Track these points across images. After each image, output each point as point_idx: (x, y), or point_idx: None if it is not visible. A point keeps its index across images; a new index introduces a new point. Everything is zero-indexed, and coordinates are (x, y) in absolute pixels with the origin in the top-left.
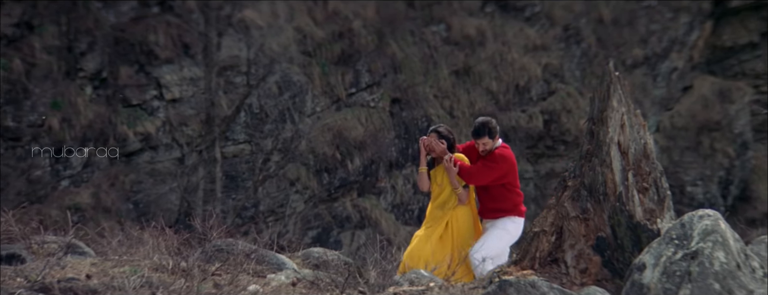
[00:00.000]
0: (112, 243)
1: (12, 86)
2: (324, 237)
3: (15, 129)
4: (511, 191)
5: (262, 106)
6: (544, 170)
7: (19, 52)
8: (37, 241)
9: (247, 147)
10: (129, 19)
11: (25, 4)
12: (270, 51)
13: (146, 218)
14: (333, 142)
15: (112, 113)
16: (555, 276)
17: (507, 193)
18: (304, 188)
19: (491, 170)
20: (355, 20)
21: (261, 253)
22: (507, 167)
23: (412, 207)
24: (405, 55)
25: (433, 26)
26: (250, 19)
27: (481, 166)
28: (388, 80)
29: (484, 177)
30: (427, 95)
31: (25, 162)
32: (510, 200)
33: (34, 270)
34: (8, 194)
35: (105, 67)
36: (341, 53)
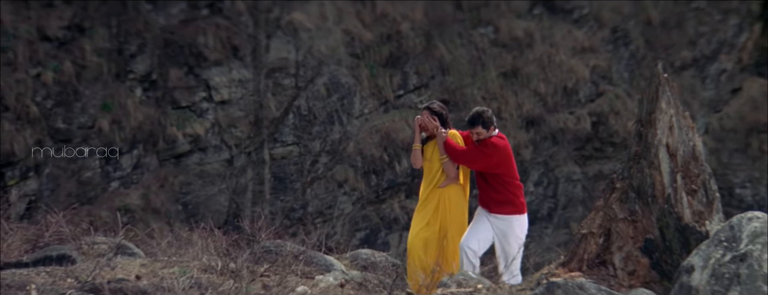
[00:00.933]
0: (161, 244)
1: (63, 88)
2: (372, 239)
3: (65, 131)
4: (510, 183)
5: (310, 108)
6: (592, 172)
7: (69, 55)
8: (87, 242)
9: (296, 149)
10: (178, 21)
11: (76, 6)
12: (318, 53)
13: (195, 219)
14: (381, 144)
15: (161, 115)
16: (603, 278)
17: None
18: (352, 189)
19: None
20: (403, 22)
21: (309, 254)
22: (499, 155)
23: None
24: (453, 57)
25: (481, 28)
26: (299, 22)
27: (473, 149)
28: (436, 82)
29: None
30: (475, 97)
31: (76, 164)
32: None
33: (85, 271)
34: (59, 195)
35: (154, 69)
36: (389, 55)
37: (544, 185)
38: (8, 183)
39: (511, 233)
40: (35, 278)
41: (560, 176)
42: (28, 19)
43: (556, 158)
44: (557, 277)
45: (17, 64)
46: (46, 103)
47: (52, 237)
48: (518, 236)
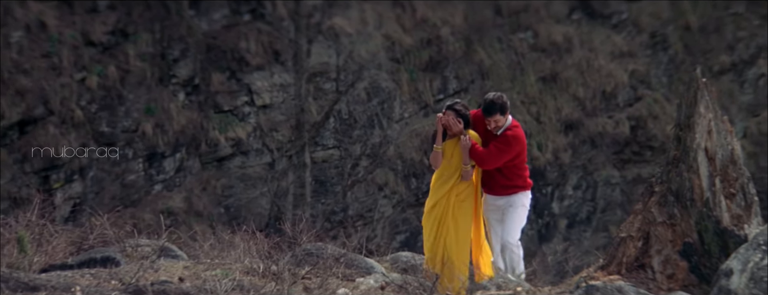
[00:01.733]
0: (204, 247)
1: (107, 92)
2: (412, 241)
3: (109, 134)
4: (521, 168)
5: (351, 112)
6: (631, 176)
7: (113, 60)
8: (131, 244)
9: (336, 152)
10: (221, 26)
11: (120, 12)
12: (359, 58)
13: (237, 221)
14: (421, 148)
15: (203, 119)
16: (642, 281)
17: (517, 170)
18: (393, 192)
19: (503, 152)
20: (443, 27)
21: (350, 257)
22: (519, 147)
23: None
24: (492, 62)
25: (520, 33)
26: (340, 27)
27: (493, 149)
28: (475, 86)
29: (497, 161)
30: (514, 101)
31: (120, 167)
32: (522, 177)
33: (129, 273)
34: (103, 198)
35: (197, 74)
36: (429, 60)
37: (582, 188)
38: (53, 186)
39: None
40: (80, 279)
41: (599, 179)
42: (73, 24)
43: (594, 162)
44: (596, 280)
45: (62, 69)
46: (91, 107)
47: (96, 239)
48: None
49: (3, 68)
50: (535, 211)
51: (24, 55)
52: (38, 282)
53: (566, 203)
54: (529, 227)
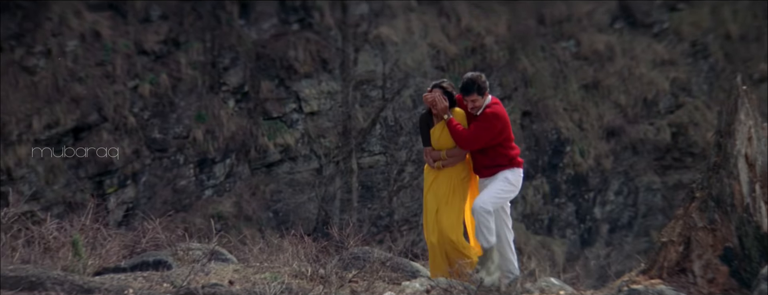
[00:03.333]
0: (253, 250)
1: (159, 100)
2: None
3: (161, 141)
4: (506, 147)
5: (396, 118)
6: (672, 182)
7: (166, 68)
8: (182, 248)
9: (383, 158)
10: (270, 35)
11: (172, 22)
12: (405, 66)
13: (286, 226)
14: None
15: (253, 125)
16: (683, 286)
17: (502, 150)
18: None
19: (485, 130)
20: (487, 36)
21: (396, 261)
22: (500, 124)
23: (542, 217)
24: (535, 70)
25: (563, 42)
26: (386, 36)
27: (474, 129)
28: (519, 94)
29: (479, 141)
30: (557, 108)
31: (171, 172)
32: (506, 156)
33: (180, 276)
34: (155, 202)
35: (247, 82)
36: (473, 68)
37: (624, 194)
38: (107, 191)
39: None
40: (133, 282)
41: (640, 185)
42: (126, 33)
43: (636, 168)
44: (638, 284)
45: (116, 77)
46: (143, 114)
47: (148, 243)
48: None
49: (59, 76)
50: (577, 216)
51: (79, 64)
52: (92, 285)
53: (608, 208)
54: (571, 232)
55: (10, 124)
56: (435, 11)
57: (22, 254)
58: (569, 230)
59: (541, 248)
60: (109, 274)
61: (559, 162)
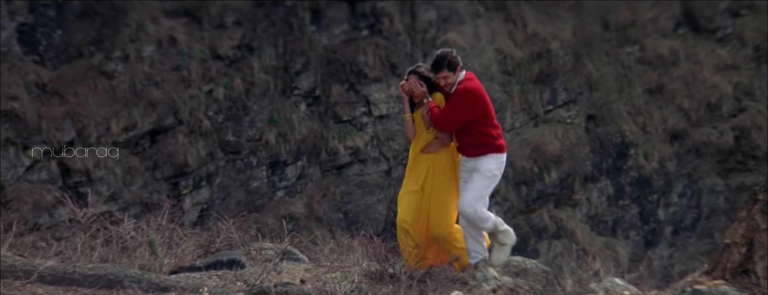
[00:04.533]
0: (324, 250)
1: (233, 103)
2: (522, 246)
3: (235, 143)
4: (486, 125)
5: None
6: (735, 184)
7: (239, 72)
8: (255, 247)
9: None
10: (340, 41)
11: (246, 28)
12: (472, 70)
13: (355, 226)
14: (531, 157)
15: (324, 129)
16: (746, 286)
17: (482, 128)
18: (504, 199)
19: (458, 109)
20: (553, 42)
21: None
22: (471, 99)
23: (606, 218)
24: (600, 75)
25: (627, 47)
26: (454, 41)
27: (447, 108)
28: (583, 98)
29: (453, 120)
30: (621, 112)
31: (244, 174)
32: (487, 133)
33: (253, 275)
34: (229, 203)
35: (318, 86)
36: (539, 72)
37: (687, 196)
38: (182, 192)
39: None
40: (207, 281)
41: (703, 187)
42: (201, 39)
43: (699, 171)
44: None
45: (191, 81)
46: (218, 118)
47: (222, 243)
48: (490, 169)
49: (136, 80)
50: (641, 217)
51: (155, 69)
52: (168, 283)
53: (672, 210)
54: (635, 234)
55: (90, 127)
56: (502, 17)
57: (100, 253)
58: (633, 231)
59: (606, 249)
60: (184, 273)
61: (623, 165)
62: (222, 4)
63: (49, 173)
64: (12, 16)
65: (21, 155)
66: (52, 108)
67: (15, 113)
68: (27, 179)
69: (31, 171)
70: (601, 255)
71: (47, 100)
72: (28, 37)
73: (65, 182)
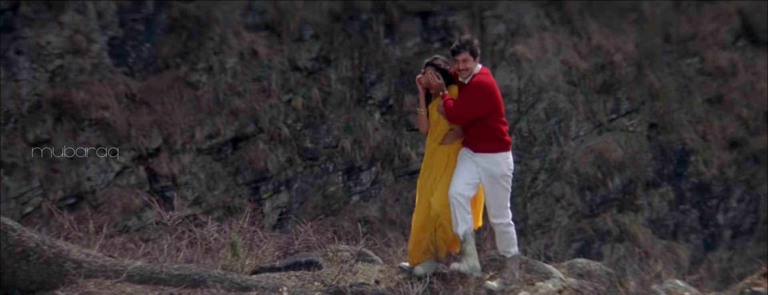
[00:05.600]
0: (397, 252)
1: (311, 112)
2: (586, 249)
3: (313, 150)
4: (495, 121)
5: (531, 130)
6: None
7: (317, 83)
8: (331, 249)
9: (517, 167)
10: (413, 53)
11: (323, 41)
12: (538, 81)
13: None
14: (595, 163)
15: (397, 136)
16: None
17: (491, 123)
18: (569, 204)
19: (469, 102)
20: (616, 54)
21: (530, 262)
22: (483, 94)
23: (667, 222)
24: (662, 85)
25: (688, 59)
26: (521, 53)
27: (458, 101)
28: (645, 107)
29: (466, 113)
30: (682, 121)
31: (321, 179)
32: (496, 128)
33: (330, 275)
34: (306, 207)
35: (391, 96)
36: (603, 83)
37: (746, 201)
38: (262, 196)
39: (498, 171)
40: (286, 281)
41: (761, 193)
42: (281, 52)
43: (757, 177)
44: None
45: (271, 91)
46: (296, 126)
47: (300, 245)
48: (505, 173)
49: (219, 91)
50: (701, 222)
51: (238, 79)
52: (249, 283)
53: (730, 214)
54: (695, 237)
55: (175, 135)
56: (567, 30)
57: (185, 254)
58: (693, 235)
59: (667, 252)
60: (264, 273)
61: (684, 171)
62: (301, 19)
63: (137, 178)
64: (103, 30)
65: (111, 162)
66: (140, 117)
67: (106, 122)
68: (117, 184)
69: (121, 176)
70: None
71: (136, 109)
72: (119, 50)
73: (152, 186)
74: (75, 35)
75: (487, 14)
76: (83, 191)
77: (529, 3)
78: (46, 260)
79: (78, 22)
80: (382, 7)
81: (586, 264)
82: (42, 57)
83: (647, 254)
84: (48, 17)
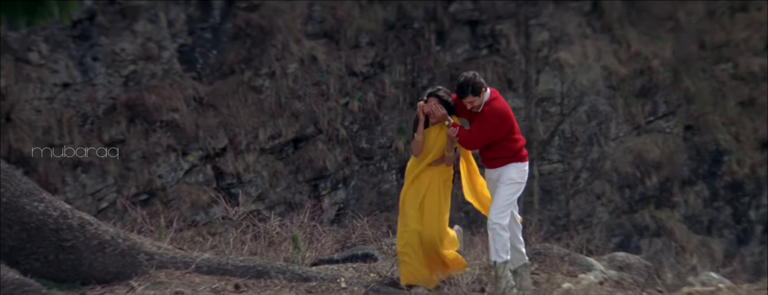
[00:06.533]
0: None
1: (366, 115)
2: (625, 243)
3: (368, 150)
4: (509, 141)
5: (573, 131)
6: None
7: (372, 87)
8: (386, 243)
9: (561, 166)
10: (462, 59)
11: (378, 48)
12: (580, 85)
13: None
14: (634, 163)
15: None
16: None
17: (505, 143)
18: (609, 201)
19: (484, 130)
20: (653, 60)
21: (573, 256)
22: (498, 121)
23: (702, 218)
24: (697, 89)
25: (721, 64)
26: (564, 59)
27: (474, 129)
28: (681, 110)
29: (481, 140)
30: (716, 123)
31: (376, 177)
32: (510, 147)
33: (385, 267)
34: (362, 203)
35: None
36: (641, 87)
37: None
38: (321, 193)
39: (506, 175)
40: (344, 272)
41: None
42: (338, 58)
43: None
44: None
45: (329, 95)
46: (353, 127)
47: (357, 238)
48: (513, 177)
49: (281, 94)
50: (733, 218)
51: (298, 84)
52: (310, 274)
53: (762, 211)
54: (728, 232)
55: (240, 136)
56: (608, 38)
57: (250, 246)
58: (726, 230)
59: (702, 246)
60: (323, 265)
61: (718, 170)
62: (357, 27)
63: (204, 176)
64: (173, 38)
65: (180, 160)
66: (207, 119)
67: (176, 123)
68: (186, 182)
69: (190, 174)
70: (698, 252)
71: (203, 112)
72: (188, 56)
73: (219, 183)
74: (147, 43)
75: (532, 23)
76: (155, 188)
77: (571, 12)
78: (121, 252)
79: (150, 31)
80: (434, 16)
81: (626, 257)
82: (117, 63)
83: (683, 248)
84: (122, 26)
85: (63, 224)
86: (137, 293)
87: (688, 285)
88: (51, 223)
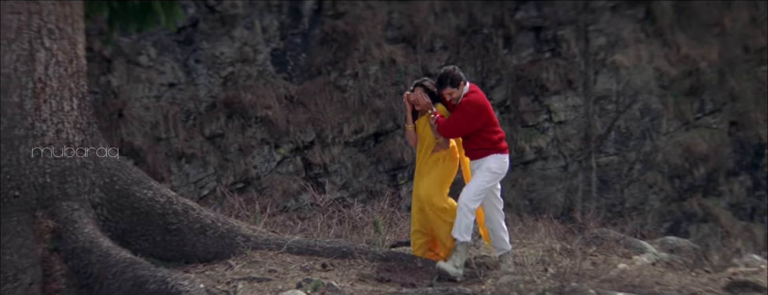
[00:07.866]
0: (514, 230)
1: None
2: (675, 228)
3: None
4: (488, 132)
5: (628, 127)
6: None
7: None
8: None
9: (616, 158)
10: (527, 61)
11: (451, 51)
12: (634, 85)
13: (538, 211)
14: (683, 155)
15: (513, 132)
16: None
17: (485, 134)
18: (660, 190)
19: (461, 119)
20: (701, 62)
21: (627, 239)
22: (474, 111)
23: (745, 206)
24: (741, 89)
25: (764, 66)
26: (620, 61)
27: (452, 118)
28: (727, 107)
29: (458, 128)
30: (758, 119)
31: None
32: (489, 139)
33: None
34: None
35: (508, 98)
36: (690, 87)
37: None
38: (399, 182)
39: (485, 164)
40: None
41: None
42: (415, 60)
43: None
44: None
45: None
46: None
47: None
48: (491, 167)
49: (363, 93)
50: None
51: (378, 84)
52: (389, 255)
53: None
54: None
55: (327, 130)
56: (659, 42)
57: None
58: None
59: (745, 232)
60: (401, 246)
61: (760, 162)
62: (432, 33)
63: (294, 166)
64: (267, 42)
65: (273, 152)
66: (297, 115)
67: (269, 119)
68: (278, 172)
69: (281, 165)
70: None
71: (294, 109)
72: (280, 59)
73: (307, 173)
74: (244, 47)
75: (591, 28)
76: (250, 177)
77: (627, 18)
78: (220, 234)
79: (246, 36)
80: (501, 22)
81: (676, 241)
82: (216, 65)
83: (728, 233)
84: (222, 32)
85: (169, 209)
86: (235, 270)
87: (733, 266)
88: (158, 208)
